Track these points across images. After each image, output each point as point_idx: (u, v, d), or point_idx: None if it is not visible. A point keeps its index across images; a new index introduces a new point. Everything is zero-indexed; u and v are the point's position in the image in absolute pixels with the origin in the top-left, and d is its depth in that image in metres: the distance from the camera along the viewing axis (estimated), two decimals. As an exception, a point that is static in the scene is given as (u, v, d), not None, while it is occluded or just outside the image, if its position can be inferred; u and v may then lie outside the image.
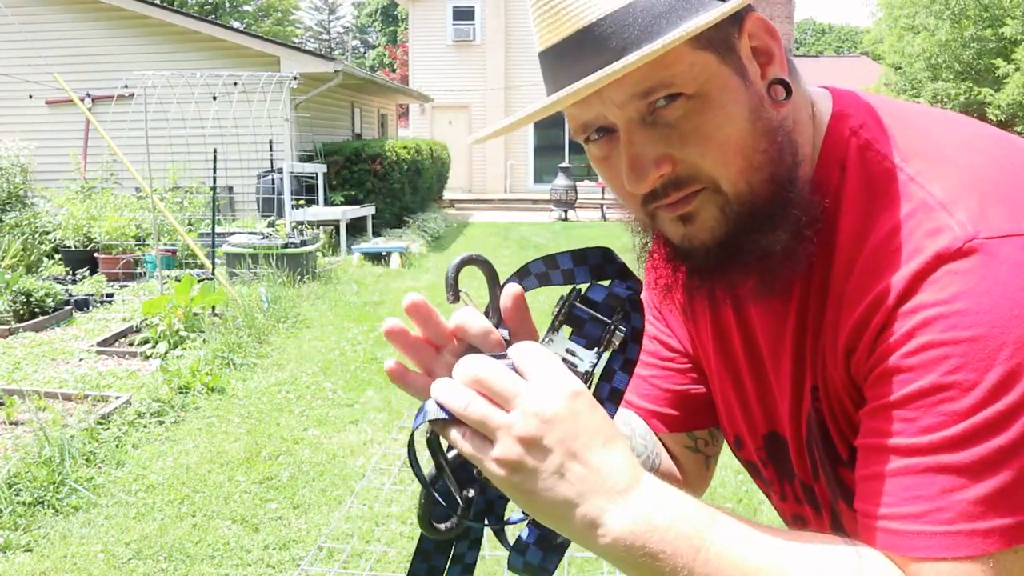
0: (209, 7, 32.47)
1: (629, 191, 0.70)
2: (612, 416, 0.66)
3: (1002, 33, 15.20)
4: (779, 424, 0.83)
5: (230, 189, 11.68)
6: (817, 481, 0.79)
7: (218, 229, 8.43)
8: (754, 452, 0.88)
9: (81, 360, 5.57)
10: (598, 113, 0.68)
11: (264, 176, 11.16)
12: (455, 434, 0.59)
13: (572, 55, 0.66)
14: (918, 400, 0.60)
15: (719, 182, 0.68)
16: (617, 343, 0.66)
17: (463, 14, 21.64)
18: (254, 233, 9.22)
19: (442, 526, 0.65)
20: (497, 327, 0.67)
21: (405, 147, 13.35)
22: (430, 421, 0.60)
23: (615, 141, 0.69)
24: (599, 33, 0.64)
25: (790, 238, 0.70)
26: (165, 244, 8.61)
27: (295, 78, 10.96)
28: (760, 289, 0.72)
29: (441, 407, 0.59)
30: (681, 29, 0.61)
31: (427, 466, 0.65)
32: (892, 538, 0.59)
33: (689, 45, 0.65)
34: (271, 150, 11.73)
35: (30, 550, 3.06)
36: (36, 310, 6.61)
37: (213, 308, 6.36)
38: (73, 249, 8.85)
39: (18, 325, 6.37)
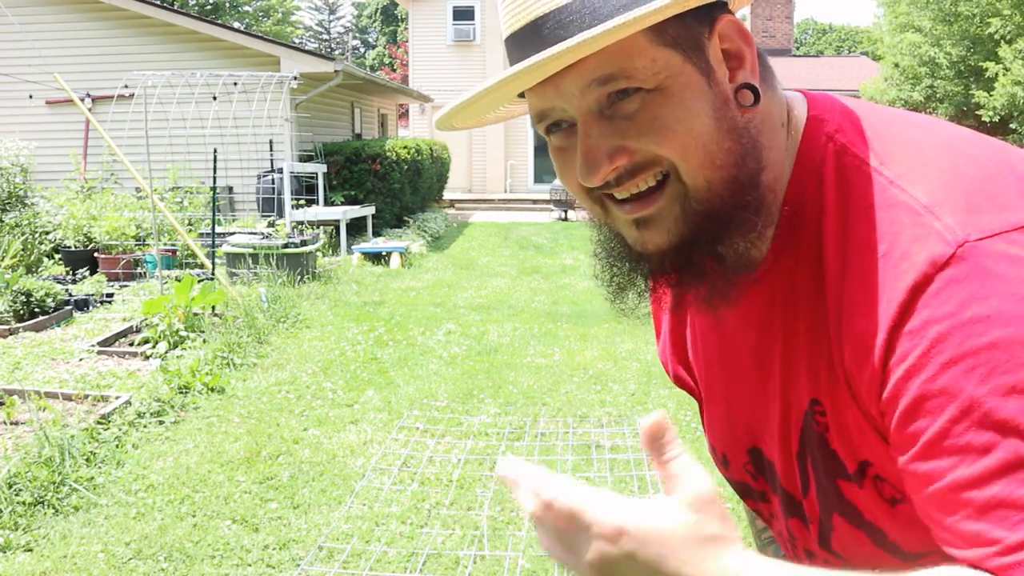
0: (210, 7, 32.47)
1: (581, 183, 0.69)
2: None
3: (991, 34, 15.19)
4: (763, 439, 0.81)
5: (230, 189, 11.69)
6: (807, 496, 0.77)
7: (218, 229, 8.44)
8: (742, 468, 0.87)
9: (81, 360, 5.57)
10: (555, 105, 0.68)
11: (264, 176, 11.17)
12: None
13: (534, 41, 0.66)
14: (962, 421, 0.57)
15: (679, 170, 0.67)
16: None
17: (463, 14, 21.64)
18: (254, 233, 9.22)
19: None
20: None
21: (405, 147, 13.35)
22: None
23: (574, 135, 0.69)
24: (559, 20, 0.64)
25: (747, 245, 0.69)
26: (165, 244, 8.62)
27: (295, 78, 10.96)
28: (712, 296, 0.71)
29: None
30: (633, 12, 0.60)
31: None
32: (1015, 573, 0.55)
33: (651, 41, 0.64)
34: (271, 150, 11.74)
35: (30, 550, 3.06)
36: (36, 310, 6.61)
37: (213, 308, 6.36)
38: (73, 249, 8.85)
39: (18, 325, 6.37)
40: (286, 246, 8.38)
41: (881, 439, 0.66)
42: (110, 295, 7.69)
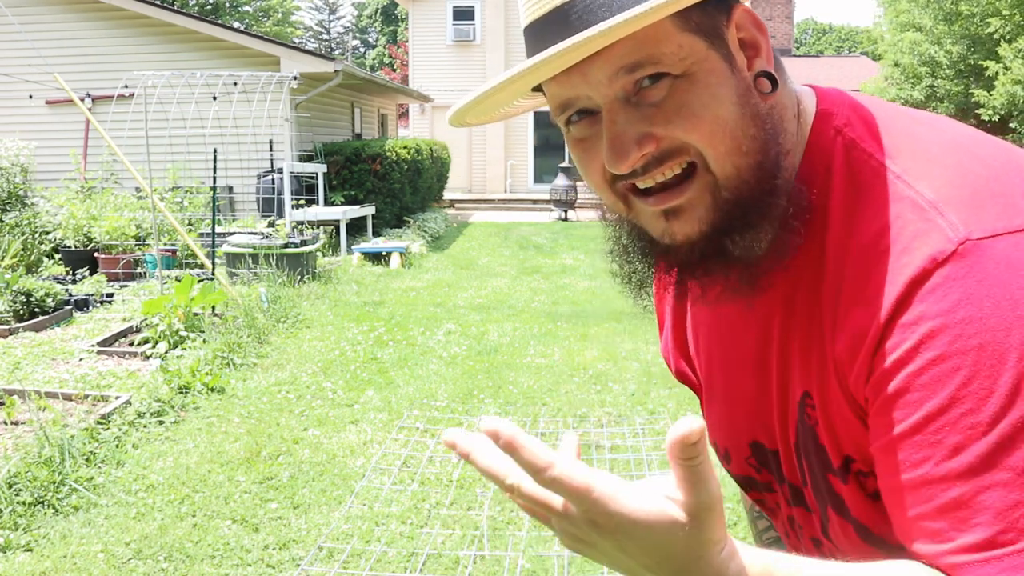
0: (210, 7, 32.48)
1: (608, 170, 0.68)
2: None
3: (991, 33, 15.19)
4: (765, 430, 0.81)
5: (230, 189, 11.69)
6: (806, 485, 0.78)
7: (218, 229, 8.44)
8: (744, 461, 0.87)
9: (81, 360, 5.57)
10: (580, 93, 0.67)
11: (264, 176, 11.17)
12: None
13: (560, 28, 0.65)
14: (938, 419, 0.58)
15: (706, 159, 0.66)
16: None
17: (463, 14, 21.65)
18: (254, 233, 9.22)
19: None
20: None
21: (405, 147, 13.35)
22: None
23: (596, 123, 0.68)
24: (587, 6, 0.64)
25: (776, 230, 0.69)
26: (165, 244, 8.62)
27: (295, 78, 10.96)
28: (741, 284, 0.71)
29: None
30: None
31: None
32: (963, 573, 0.57)
33: (677, 26, 0.64)
34: (271, 150, 11.74)
35: (30, 550, 3.06)
36: (36, 310, 6.61)
37: (213, 308, 6.36)
38: (73, 249, 8.85)
39: (18, 325, 6.37)
40: (286, 246, 8.38)
41: (865, 428, 0.67)
42: (110, 295, 7.69)
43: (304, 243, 8.62)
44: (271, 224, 9.71)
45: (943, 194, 0.63)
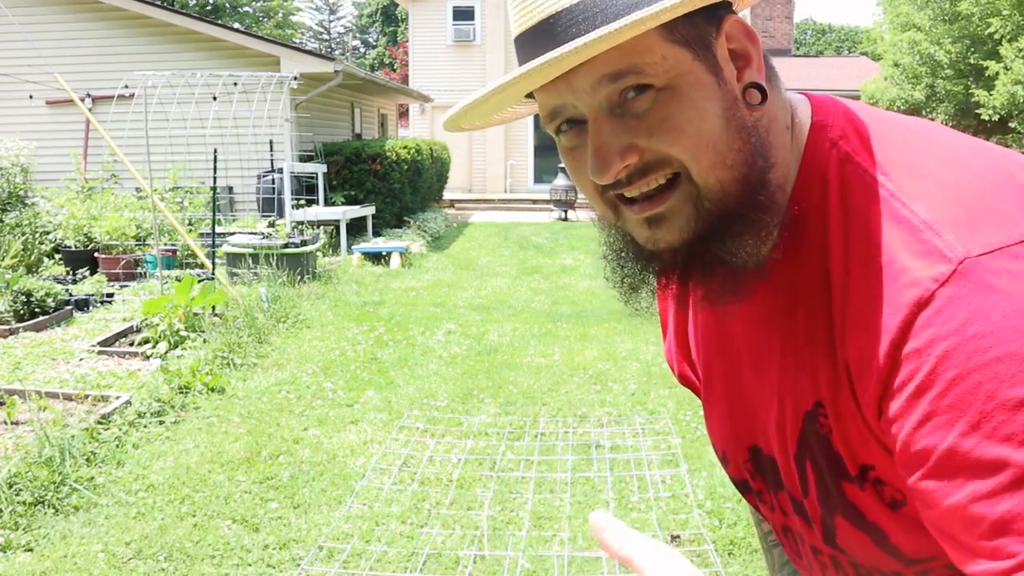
0: (210, 7, 32.48)
1: (593, 181, 0.69)
2: None
3: (991, 33, 15.18)
4: (762, 437, 0.81)
5: (230, 189, 11.69)
6: (807, 496, 0.77)
7: (218, 229, 8.44)
8: (741, 465, 0.87)
9: (81, 360, 5.57)
10: (567, 101, 0.68)
11: (264, 176, 11.17)
12: None
13: (546, 39, 0.66)
14: (970, 437, 0.58)
15: (689, 170, 0.67)
16: None
17: (463, 14, 21.65)
18: (254, 233, 9.23)
19: None
20: None
21: (405, 147, 13.35)
22: None
23: (584, 133, 0.69)
24: (572, 18, 0.65)
25: (757, 243, 0.69)
26: (165, 244, 8.62)
27: (295, 78, 10.96)
28: (724, 292, 0.71)
29: None
30: (648, 10, 0.60)
31: None
32: None
33: (662, 37, 0.64)
34: (271, 150, 11.74)
35: (30, 550, 3.06)
36: (36, 310, 6.61)
37: (213, 308, 6.36)
38: (73, 249, 8.86)
39: (18, 325, 6.37)
40: (286, 246, 8.38)
41: (881, 447, 0.67)
42: (110, 295, 7.70)
43: (304, 243, 8.62)
44: (271, 224, 9.72)
45: (939, 214, 0.63)
